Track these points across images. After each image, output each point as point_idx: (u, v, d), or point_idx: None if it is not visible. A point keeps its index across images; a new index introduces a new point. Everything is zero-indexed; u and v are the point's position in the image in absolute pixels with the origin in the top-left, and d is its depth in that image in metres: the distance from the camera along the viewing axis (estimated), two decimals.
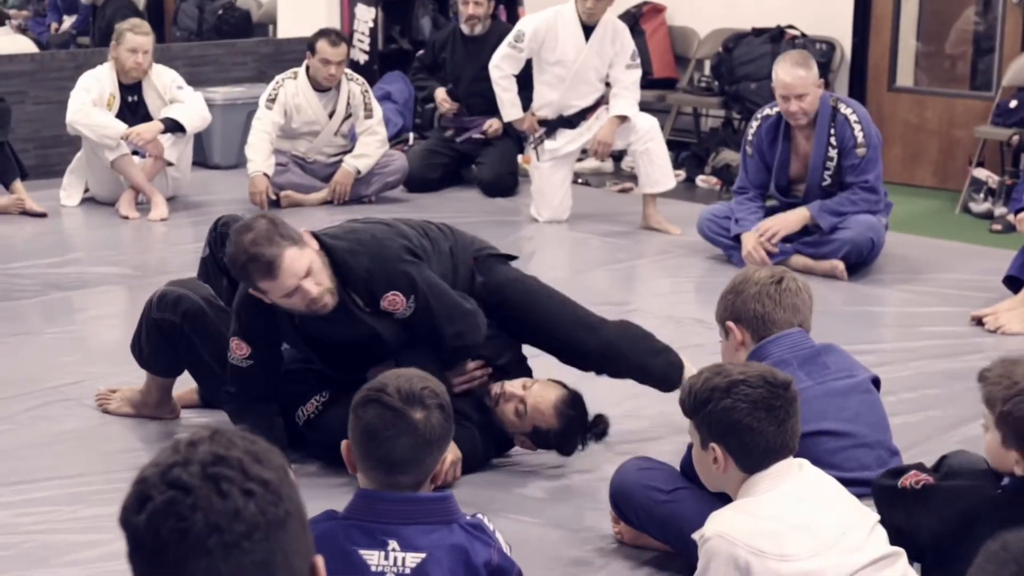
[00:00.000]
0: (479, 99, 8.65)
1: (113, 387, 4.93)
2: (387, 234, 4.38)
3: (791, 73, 6.60)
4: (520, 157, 8.91)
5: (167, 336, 4.57)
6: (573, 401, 4.33)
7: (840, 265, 6.67)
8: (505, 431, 4.39)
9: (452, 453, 4.07)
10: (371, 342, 4.32)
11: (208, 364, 4.54)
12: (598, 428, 4.42)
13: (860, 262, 6.72)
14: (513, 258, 4.76)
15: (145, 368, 4.74)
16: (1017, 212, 6.19)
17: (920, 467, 3.27)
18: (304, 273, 4.06)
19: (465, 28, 8.87)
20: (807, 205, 6.73)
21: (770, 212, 6.95)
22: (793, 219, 6.75)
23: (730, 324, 3.74)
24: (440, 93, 8.85)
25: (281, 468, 1.58)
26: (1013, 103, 8.45)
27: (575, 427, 4.34)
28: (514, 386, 4.33)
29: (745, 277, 3.78)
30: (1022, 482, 2.97)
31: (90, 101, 7.88)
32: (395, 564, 2.68)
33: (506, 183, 8.66)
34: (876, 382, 3.83)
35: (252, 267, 4.05)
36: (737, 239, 6.85)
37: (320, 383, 4.43)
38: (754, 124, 6.95)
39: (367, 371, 4.19)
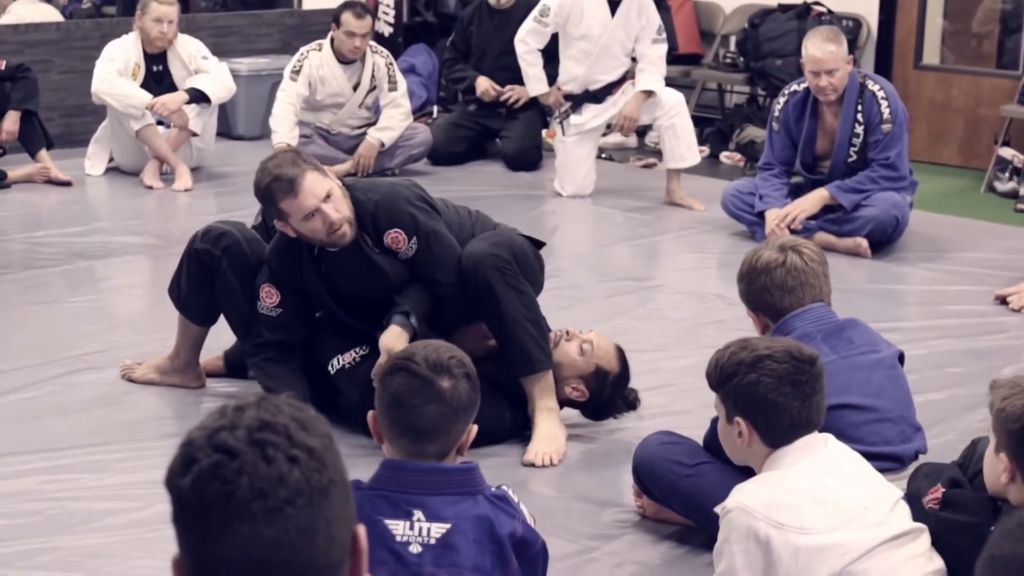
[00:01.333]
0: (506, 72, 8.63)
1: (138, 359, 4.95)
2: (406, 184, 4.56)
3: (822, 48, 6.57)
4: (544, 131, 8.90)
5: (205, 269, 4.63)
6: (625, 355, 4.47)
7: (864, 243, 6.65)
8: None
9: None
10: (384, 288, 4.41)
11: (240, 304, 4.59)
12: (630, 398, 4.46)
13: (884, 240, 6.71)
14: (541, 244, 4.74)
15: (181, 310, 4.76)
16: None
17: (951, 473, 3.28)
18: (324, 196, 4.23)
19: (492, 0, 8.85)
20: (826, 185, 6.71)
21: (796, 189, 6.94)
22: (813, 200, 6.73)
23: (750, 313, 3.77)
24: (483, 82, 8.80)
25: (326, 436, 1.58)
26: None
27: (627, 378, 4.45)
28: (577, 330, 4.45)
29: (752, 264, 3.74)
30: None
31: (115, 71, 7.89)
32: (420, 534, 2.69)
33: (530, 157, 8.64)
34: (901, 358, 3.83)
35: (275, 186, 4.22)
36: (761, 216, 6.84)
37: (361, 337, 4.47)
38: (781, 100, 6.93)
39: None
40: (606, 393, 4.41)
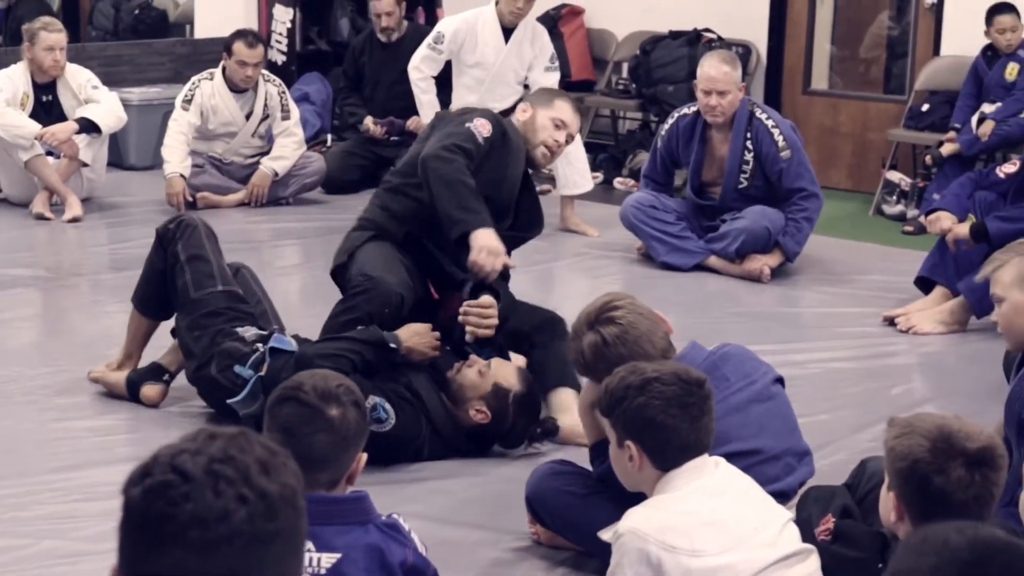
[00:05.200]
0: (399, 101, 8.62)
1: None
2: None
3: (717, 68, 6.67)
4: None
5: (160, 247, 4.81)
6: (531, 378, 4.51)
7: (767, 269, 6.74)
8: (457, 416, 4.43)
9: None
10: None
11: (183, 270, 4.71)
12: (547, 425, 4.48)
13: (757, 251, 6.78)
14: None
15: (133, 302, 4.94)
16: (928, 214, 6.28)
17: (841, 499, 3.31)
18: None
19: (381, 37, 8.84)
20: (781, 240, 6.79)
21: (696, 207, 7.03)
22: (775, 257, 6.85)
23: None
24: (368, 121, 8.80)
25: (288, 486, 1.56)
26: (925, 107, 8.56)
27: (532, 397, 4.46)
28: (478, 358, 4.50)
29: (579, 347, 3.55)
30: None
31: (3, 101, 7.79)
32: (311, 565, 2.68)
33: None
34: (779, 380, 3.77)
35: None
36: (664, 232, 6.92)
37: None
38: (670, 121, 7.04)
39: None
40: (510, 413, 4.41)
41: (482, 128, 4.76)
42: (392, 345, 4.41)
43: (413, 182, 4.81)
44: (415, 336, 4.52)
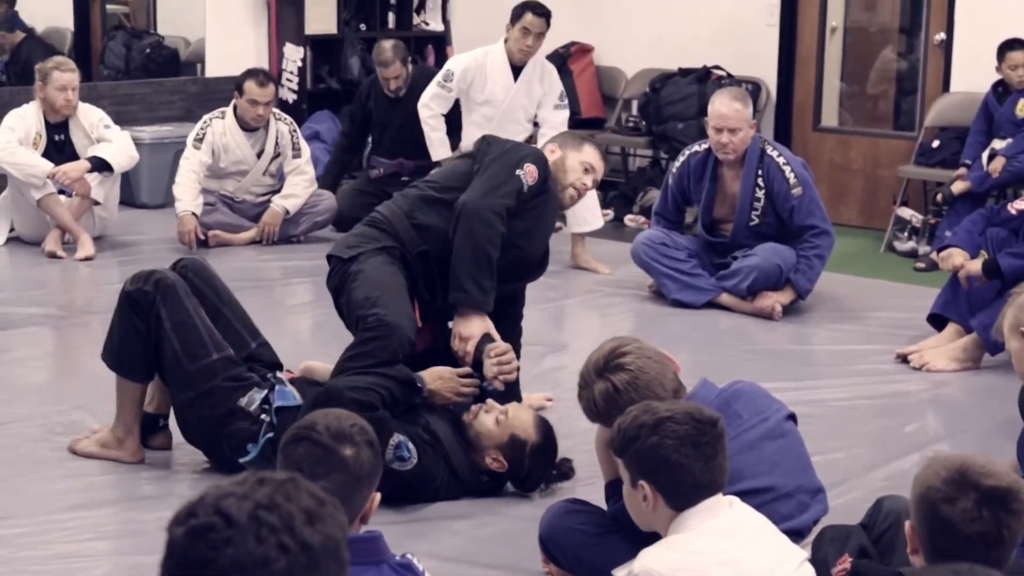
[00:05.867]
0: (407, 144, 8.63)
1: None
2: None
3: (729, 105, 6.68)
4: None
5: (138, 310, 4.53)
6: (548, 425, 4.50)
7: (779, 307, 6.72)
8: (474, 459, 4.43)
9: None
10: None
11: (170, 340, 4.49)
12: (564, 468, 4.48)
13: (769, 288, 6.78)
14: None
15: (117, 369, 4.64)
16: (940, 250, 6.27)
17: (858, 539, 3.29)
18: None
19: (389, 94, 8.76)
20: (790, 278, 6.78)
21: (707, 244, 7.03)
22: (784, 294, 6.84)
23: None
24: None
25: (332, 538, 1.55)
26: (935, 143, 8.56)
27: (550, 446, 4.45)
28: (495, 404, 4.48)
29: (590, 396, 3.56)
30: None
31: (16, 140, 7.82)
32: None
33: None
34: (792, 417, 3.76)
35: None
36: (675, 268, 6.93)
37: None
38: (681, 158, 7.05)
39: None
40: (526, 463, 4.41)
41: (530, 176, 4.77)
42: (419, 385, 4.43)
43: (449, 198, 4.80)
44: (439, 380, 4.52)
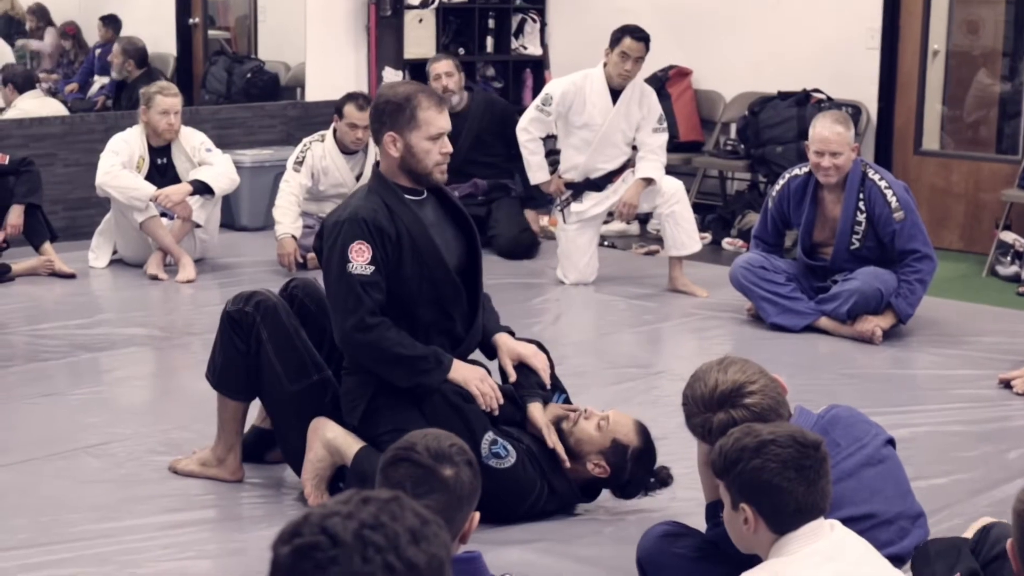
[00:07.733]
0: (477, 166, 8.73)
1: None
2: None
3: (830, 128, 6.63)
4: (547, 219, 8.93)
5: (239, 330, 4.57)
6: (648, 431, 4.50)
7: (879, 331, 6.65)
8: (568, 471, 4.43)
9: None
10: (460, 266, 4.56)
11: (271, 360, 4.52)
12: (662, 475, 4.48)
13: (869, 312, 6.71)
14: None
15: (217, 387, 4.69)
16: None
17: (969, 563, 3.24)
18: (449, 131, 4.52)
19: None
20: (892, 302, 6.73)
21: (806, 268, 6.98)
22: (883, 320, 6.76)
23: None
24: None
25: (436, 557, 1.55)
26: None
27: (650, 450, 4.46)
28: (595, 410, 4.51)
29: (706, 423, 3.45)
30: None
31: (119, 163, 7.94)
32: None
33: (524, 242, 8.67)
34: (891, 442, 3.71)
35: (424, 95, 4.44)
36: (772, 291, 6.88)
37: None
38: (781, 181, 7.00)
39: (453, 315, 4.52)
40: (628, 468, 4.42)
41: (361, 257, 4.38)
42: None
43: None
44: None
